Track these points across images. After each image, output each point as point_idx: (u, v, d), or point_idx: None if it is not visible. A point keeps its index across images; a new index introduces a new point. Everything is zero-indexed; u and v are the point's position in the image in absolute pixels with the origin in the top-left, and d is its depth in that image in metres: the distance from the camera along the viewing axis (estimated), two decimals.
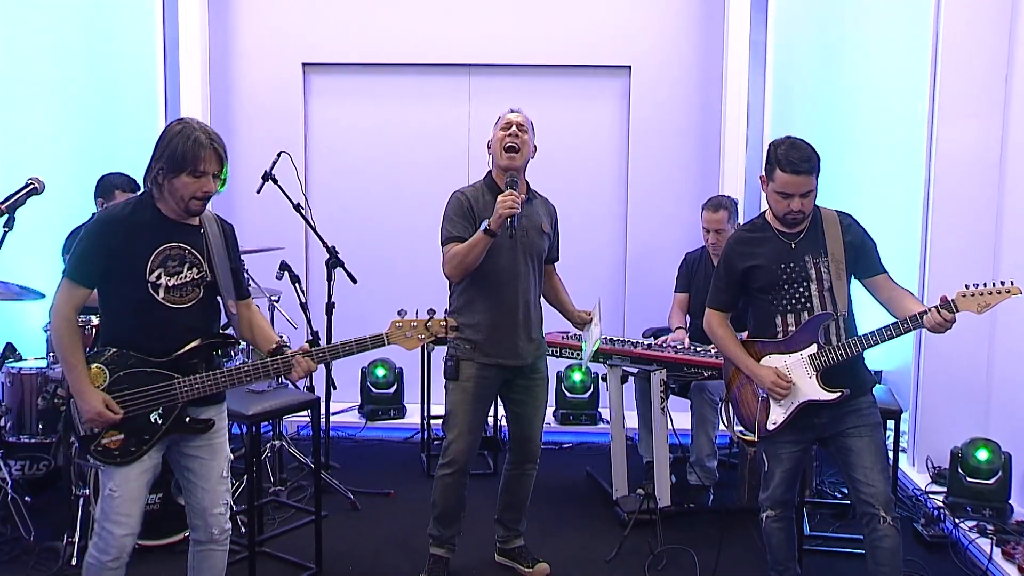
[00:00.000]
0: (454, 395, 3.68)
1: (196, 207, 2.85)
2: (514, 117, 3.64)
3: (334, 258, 4.61)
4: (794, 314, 3.21)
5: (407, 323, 3.01)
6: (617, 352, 4.56)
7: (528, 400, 3.79)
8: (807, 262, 3.20)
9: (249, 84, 6.13)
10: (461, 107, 6.11)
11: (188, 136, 2.77)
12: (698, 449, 4.84)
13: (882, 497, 3.11)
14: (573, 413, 5.94)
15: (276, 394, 4.07)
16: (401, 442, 5.86)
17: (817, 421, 3.23)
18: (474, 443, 3.68)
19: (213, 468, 2.97)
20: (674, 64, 6.08)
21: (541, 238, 3.73)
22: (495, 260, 3.56)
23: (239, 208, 5.89)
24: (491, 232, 3.43)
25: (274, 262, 4.91)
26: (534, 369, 3.78)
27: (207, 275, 2.91)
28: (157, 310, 2.81)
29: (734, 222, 4.81)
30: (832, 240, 3.19)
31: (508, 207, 3.39)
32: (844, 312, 3.17)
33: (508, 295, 3.63)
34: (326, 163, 6.22)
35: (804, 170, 3.09)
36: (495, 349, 3.64)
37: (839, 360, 3.15)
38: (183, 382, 2.85)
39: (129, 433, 2.82)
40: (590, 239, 6.22)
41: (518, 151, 3.59)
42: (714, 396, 4.74)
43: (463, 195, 3.65)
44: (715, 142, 6.05)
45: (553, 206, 3.91)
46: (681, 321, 5.06)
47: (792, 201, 3.14)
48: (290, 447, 4.96)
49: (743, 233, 3.35)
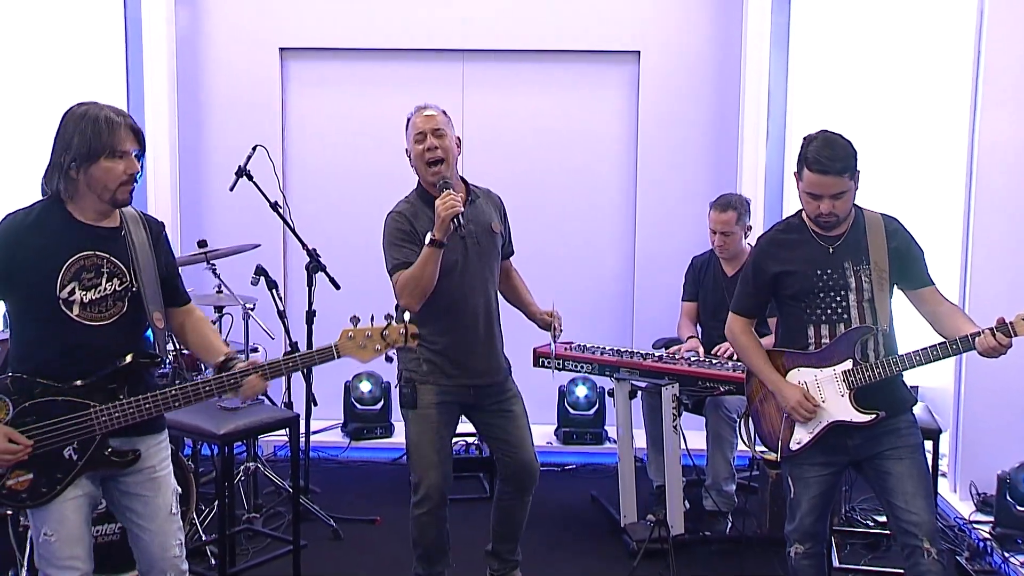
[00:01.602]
0: (415, 425, 3.60)
1: (124, 195, 2.73)
2: (424, 123, 3.54)
3: (315, 262, 4.60)
4: (829, 325, 3.17)
5: (360, 332, 2.88)
6: (625, 364, 4.52)
7: (510, 421, 3.72)
8: (846, 269, 3.16)
9: (220, 71, 6.09)
10: (454, 96, 6.05)
11: (95, 117, 2.67)
12: (714, 471, 4.81)
13: (927, 527, 3.06)
14: (577, 431, 5.90)
15: (251, 411, 4.03)
16: (388, 464, 5.83)
17: (850, 442, 3.19)
18: (446, 474, 3.61)
19: (159, 506, 2.85)
20: (687, 49, 6.05)
21: (492, 239, 3.69)
22: (446, 273, 3.49)
23: (210, 208, 5.87)
24: (438, 242, 3.37)
25: (249, 266, 4.87)
26: (503, 388, 3.72)
27: (131, 285, 2.78)
28: (70, 330, 2.68)
29: (744, 224, 4.80)
30: (875, 246, 3.15)
31: (449, 207, 3.33)
32: (885, 327, 3.13)
33: (466, 309, 3.58)
34: (306, 158, 6.19)
35: (834, 170, 3.04)
36: (457, 369, 3.58)
37: (876, 379, 3.11)
38: (100, 411, 2.71)
39: (39, 472, 2.69)
40: (594, 241, 6.20)
41: (443, 161, 3.52)
42: (731, 413, 4.72)
43: (400, 216, 3.59)
44: (732, 135, 6.02)
45: (498, 197, 3.84)
46: (692, 331, 5.06)
47: (822, 203, 3.10)
48: (266, 470, 4.92)
49: (776, 234, 3.32)
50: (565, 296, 6.00)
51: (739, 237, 4.80)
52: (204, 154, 6.04)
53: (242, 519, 4.61)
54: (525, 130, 6.11)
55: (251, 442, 4.84)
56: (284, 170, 6.02)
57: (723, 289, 4.85)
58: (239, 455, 4.88)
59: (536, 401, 3.89)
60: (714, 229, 4.85)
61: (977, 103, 4.67)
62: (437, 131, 3.53)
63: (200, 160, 6.08)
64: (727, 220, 4.78)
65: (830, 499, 3.30)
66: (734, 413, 4.70)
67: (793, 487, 3.27)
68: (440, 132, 3.53)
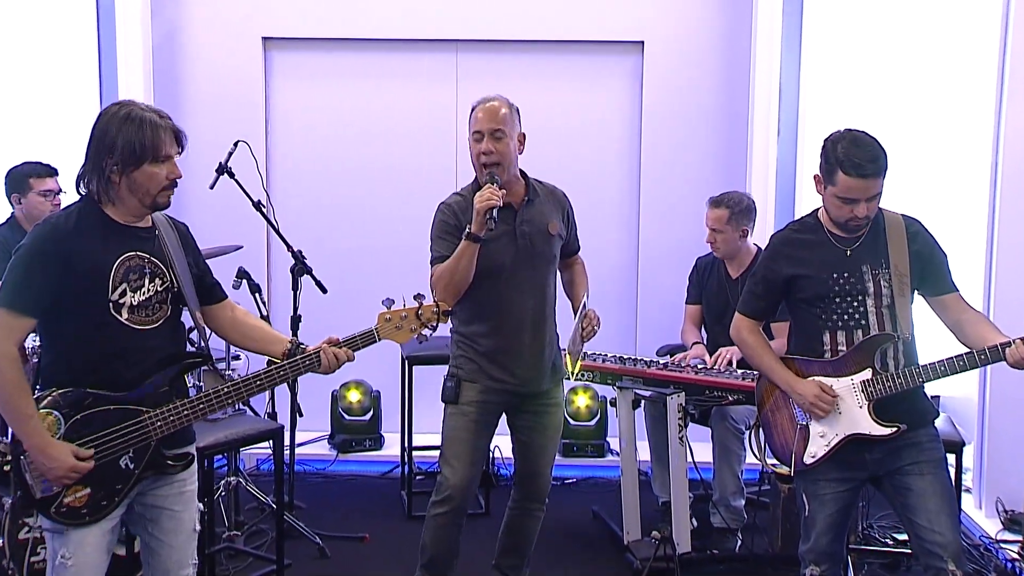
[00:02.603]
0: (453, 420, 3.68)
1: (165, 199, 2.79)
2: (484, 121, 3.57)
3: (301, 264, 4.58)
4: (846, 332, 3.16)
5: (396, 314, 3.00)
6: (628, 372, 4.53)
7: (537, 429, 3.78)
8: (864, 273, 3.15)
9: (200, 62, 6.07)
10: (447, 89, 6.06)
11: (138, 120, 2.70)
12: (722, 486, 4.80)
13: (951, 547, 3.05)
14: (577, 443, 5.91)
15: (232, 422, 4.04)
16: (378, 477, 5.84)
17: (868, 457, 3.17)
18: (474, 478, 3.68)
19: (184, 521, 2.90)
20: (694, 39, 6.05)
21: (549, 242, 3.71)
22: (492, 274, 3.54)
23: (188, 207, 5.81)
24: (473, 236, 3.42)
25: (230, 268, 4.84)
26: (548, 396, 3.78)
27: (172, 285, 2.84)
28: (119, 335, 2.72)
29: (739, 224, 4.79)
30: (895, 249, 3.14)
31: (485, 200, 3.39)
32: (906, 334, 3.12)
33: (512, 312, 3.63)
34: (291, 154, 6.17)
35: (871, 172, 3.03)
36: (502, 371, 3.64)
37: (897, 391, 3.10)
38: (155, 416, 2.76)
39: (97, 485, 2.72)
40: (595, 242, 6.07)
41: (497, 165, 3.55)
42: (738, 424, 4.72)
43: (448, 208, 3.64)
44: (741, 130, 6.01)
45: (563, 194, 3.88)
46: (697, 336, 5.07)
47: (857, 207, 3.08)
48: (248, 485, 4.91)
49: (790, 234, 3.31)
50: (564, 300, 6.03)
51: (732, 237, 4.79)
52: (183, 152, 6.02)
53: (223, 537, 4.59)
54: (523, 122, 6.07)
55: (232, 455, 4.82)
56: (268, 167, 6.02)
57: (727, 291, 4.85)
58: (219, 469, 4.87)
59: None
60: (707, 225, 4.87)
61: (1003, 96, 4.66)
62: (496, 132, 3.55)
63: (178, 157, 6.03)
64: (717, 217, 4.80)
65: (847, 517, 3.29)
66: (741, 424, 4.70)
67: (807, 504, 3.25)
68: (499, 134, 3.55)
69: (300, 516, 4.94)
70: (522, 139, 3.66)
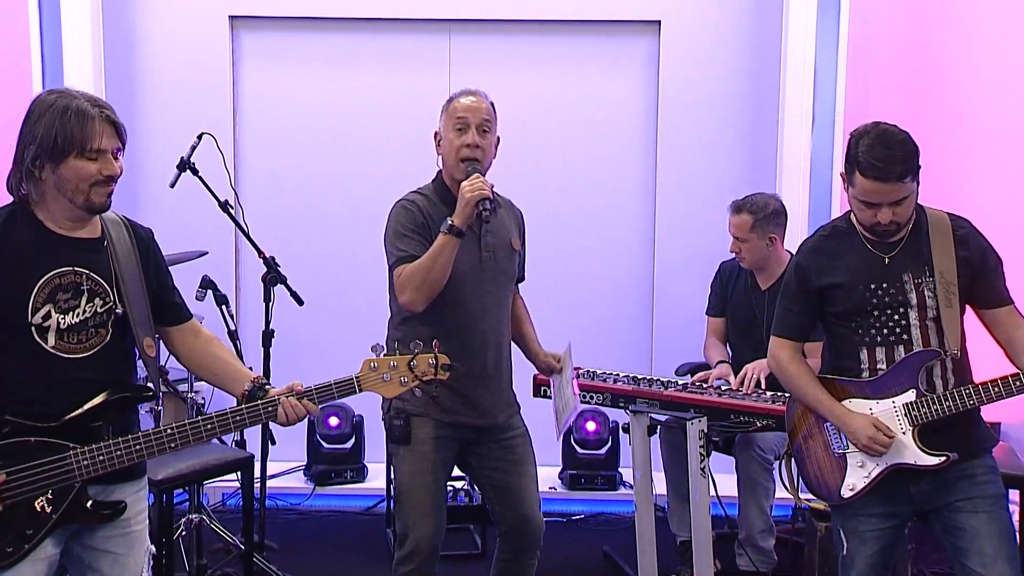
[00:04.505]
0: (408, 464, 3.63)
1: (101, 199, 2.73)
2: (471, 112, 3.59)
3: (274, 272, 4.60)
4: (886, 348, 3.16)
5: (383, 363, 2.94)
6: (642, 394, 4.50)
7: (512, 466, 3.74)
8: (905, 283, 3.15)
9: (157, 44, 6.07)
10: (439, 75, 6.07)
11: (67, 108, 2.67)
12: (748, 523, 4.81)
13: None
14: (586, 475, 5.90)
15: (194, 451, 4.04)
16: (360, 513, 5.85)
17: (914, 490, 3.17)
18: (439, 525, 3.63)
19: (129, 567, 2.84)
20: (717, 17, 6.07)
21: (511, 258, 3.73)
22: (455, 287, 3.52)
23: (145, 207, 5.86)
24: (457, 229, 3.41)
25: (193, 278, 4.85)
26: (509, 427, 3.75)
27: (115, 307, 2.79)
28: (45, 364, 2.68)
29: (765, 230, 4.78)
30: (941, 255, 3.14)
31: (476, 189, 3.40)
32: (955, 350, 3.11)
33: (475, 333, 3.60)
34: (262, 148, 6.19)
35: (892, 176, 3.02)
36: (459, 403, 3.60)
37: (945, 415, 3.10)
38: (82, 454, 2.70)
39: (5, 527, 2.67)
40: (605, 248, 6.21)
41: (480, 161, 3.57)
42: (766, 453, 4.73)
43: (412, 204, 3.63)
44: (771, 120, 6.02)
45: (519, 210, 3.91)
46: (722, 353, 5.06)
47: (880, 211, 3.09)
48: (213, 523, 4.91)
49: (820, 240, 3.32)
50: (570, 313, 6.05)
51: (758, 245, 4.79)
52: (137, 144, 5.99)
53: None
54: (522, 116, 6.06)
55: (195, 489, 4.80)
56: (236, 162, 6.02)
57: (754, 304, 4.85)
58: (180, 505, 4.85)
59: (537, 438, 3.88)
60: (730, 232, 4.89)
61: None
62: (484, 125, 3.58)
63: (133, 152, 5.94)
64: (740, 224, 4.80)
65: (890, 557, 3.28)
66: (770, 453, 4.71)
67: (845, 542, 3.25)
68: (486, 129, 3.58)
69: (272, 558, 4.94)
70: (498, 143, 3.69)
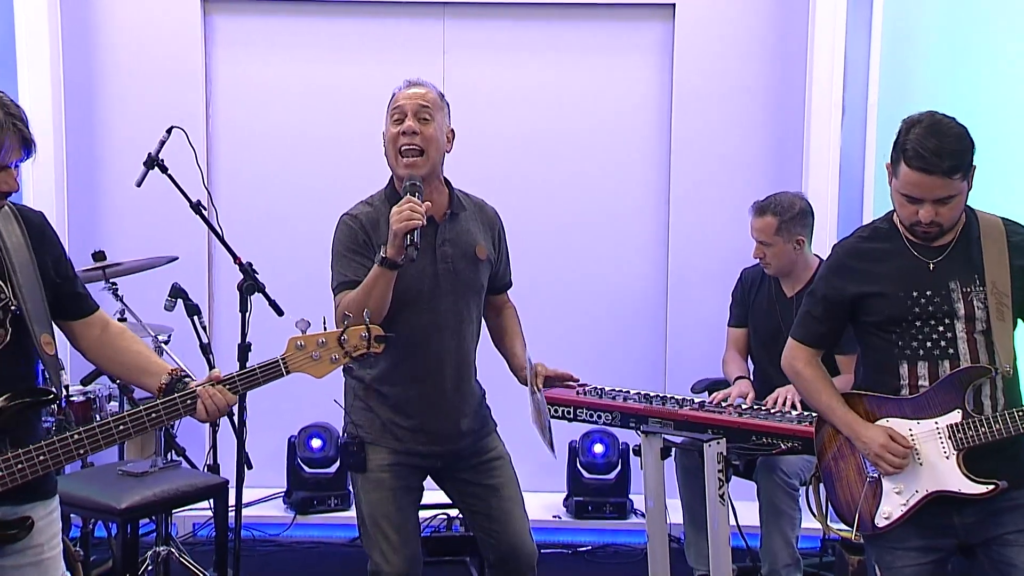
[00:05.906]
0: (368, 493, 3.63)
1: None
2: (408, 100, 3.57)
3: (250, 280, 4.59)
4: (929, 363, 3.16)
5: (311, 340, 2.92)
6: (655, 413, 4.48)
7: (490, 492, 3.73)
8: (952, 292, 3.15)
9: (121, 29, 6.07)
10: (432, 62, 6.09)
11: None
12: (772, 556, 4.79)
13: None
14: (593, 502, 5.90)
15: (163, 476, 4.03)
16: (345, 545, 5.84)
17: (957, 520, 3.16)
18: (412, 558, 3.61)
19: None
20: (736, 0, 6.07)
21: (475, 268, 3.70)
22: (407, 306, 3.51)
23: (108, 210, 5.87)
24: (389, 262, 3.37)
25: (162, 286, 4.85)
26: (483, 450, 3.75)
27: (10, 303, 2.76)
28: None
29: (791, 233, 4.79)
30: (993, 262, 3.13)
31: (404, 219, 3.32)
32: (1008, 367, 3.11)
33: (430, 355, 3.60)
34: (238, 143, 6.21)
35: (940, 169, 3.01)
36: (414, 431, 3.61)
37: (994, 438, 3.08)
38: None
39: None
40: (614, 252, 6.22)
41: (422, 153, 3.54)
42: (791, 478, 4.72)
43: (353, 219, 3.63)
44: (796, 111, 6.04)
45: (493, 211, 3.90)
46: (742, 367, 5.08)
47: (921, 208, 3.08)
48: (182, 556, 4.85)
49: (859, 243, 3.32)
50: (575, 325, 6.06)
51: (784, 249, 4.80)
52: (100, 139, 6.03)
53: None
54: (522, 108, 6.13)
55: (162, 519, 4.77)
56: (209, 159, 6.03)
57: (779, 313, 4.85)
58: (146, 536, 4.82)
59: (539, 462, 3.89)
60: (752, 236, 4.91)
61: None
62: (422, 112, 3.54)
63: (95, 147, 6.07)
64: (763, 227, 4.82)
65: None
66: (795, 478, 4.71)
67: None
68: (426, 116, 3.55)
69: None
70: (451, 136, 3.67)
